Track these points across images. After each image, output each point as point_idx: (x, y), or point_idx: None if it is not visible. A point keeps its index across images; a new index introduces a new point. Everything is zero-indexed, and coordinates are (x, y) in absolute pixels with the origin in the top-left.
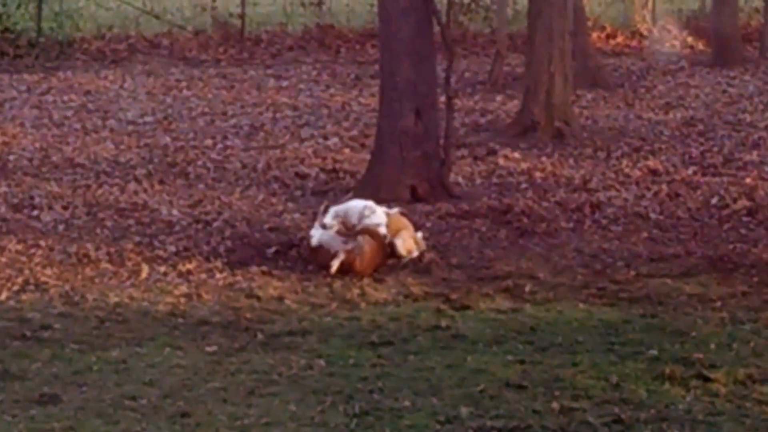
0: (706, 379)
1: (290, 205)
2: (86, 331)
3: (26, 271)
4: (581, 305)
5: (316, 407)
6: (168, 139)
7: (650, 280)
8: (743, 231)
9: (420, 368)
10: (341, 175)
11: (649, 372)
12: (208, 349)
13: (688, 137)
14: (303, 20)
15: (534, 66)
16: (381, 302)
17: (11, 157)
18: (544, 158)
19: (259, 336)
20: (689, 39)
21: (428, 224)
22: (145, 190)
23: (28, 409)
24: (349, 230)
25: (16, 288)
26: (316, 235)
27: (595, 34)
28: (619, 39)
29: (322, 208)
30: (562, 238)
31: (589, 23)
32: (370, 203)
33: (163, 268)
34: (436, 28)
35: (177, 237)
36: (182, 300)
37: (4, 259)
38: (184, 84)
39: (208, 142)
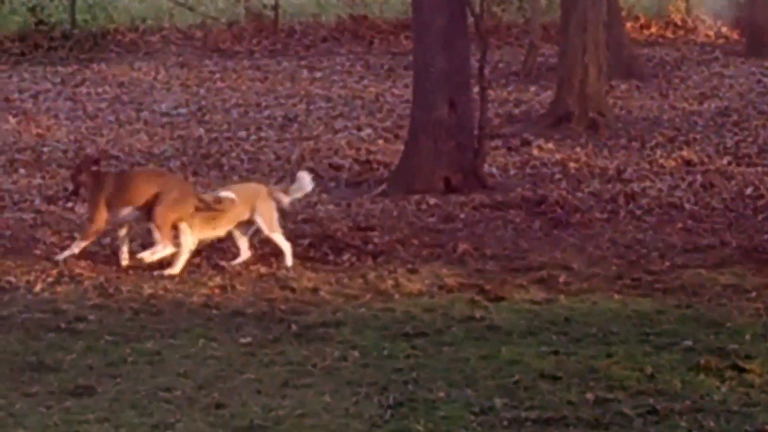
0: (741, 370)
1: (324, 196)
2: (121, 323)
3: (61, 263)
4: (616, 296)
5: (350, 398)
6: (202, 131)
7: (685, 270)
8: None
9: (454, 359)
10: (375, 166)
11: (684, 363)
12: (242, 340)
13: (722, 127)
14: (336, 11)
15: (568, 56)
16: (415, 293)
17: (45, 149)
18: (578, 149)
19: (294, 327)
20: (723, 29)
21: (462, 215)
22: None
23: (63, 401)
24: None
25: (50, 280)
26: None
27: (629, 24)
28: (653, 29)
29: None
30: (597, 229)
31: (623, 13)
32: None
33: (197, 260)
34: (470, 19)
35: None
36: (216, 291)
37: (38, 251)
38: (217, 75)
39: (242, 133)
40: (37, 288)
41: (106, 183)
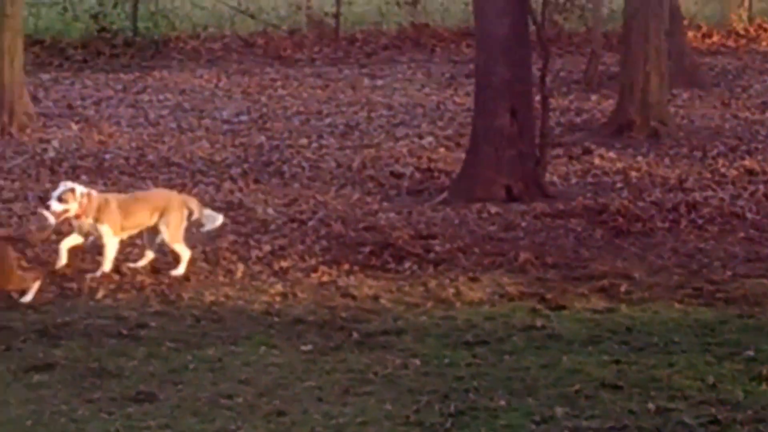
0: None
1: (385, 204)
2: (182, 330)
3: (123, 270)
4: (677, 305)
5: (411, 406)
6: (263, 138)
7: (746, 280)
8: None
9: (515, 368)
10: (436, 174)
11: (746, 373)
12: (303, 347)
13: None
14: (398, 19)
15: (630, 65)
16: (476, 302)
17: (108, 156)
18: (639, 158)
19: (355, 335)
20: None
21: (523, 224)
22: (241, 189)
23: (125, 407)
24: None
25: (112, 286)
26: None
27: (690, 33)
28: (715, 38)
29: None
30: (658, 238)
31: (685, 22)
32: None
33: (258, 267)
34: (532, 28)
35: (272, 236)
36: (277, 299)
37: (101, 258)
38: (279, 83)
39: (303, 141)
40: (99, 295)
41: None
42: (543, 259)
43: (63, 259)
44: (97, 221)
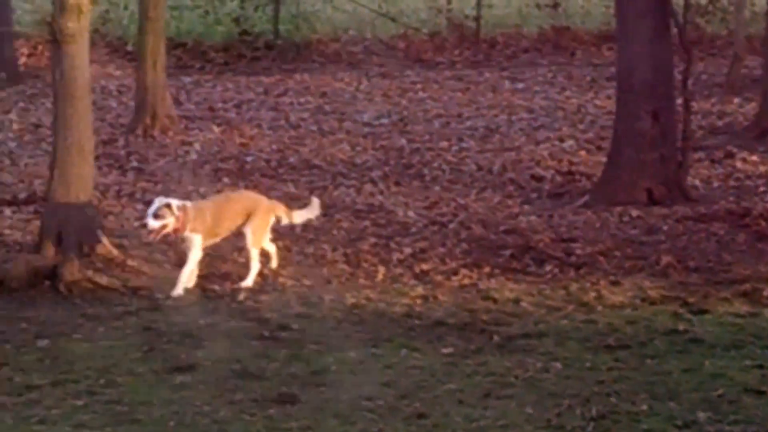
0: None
1: (526, 207)
2: (323, 332)
3: (264, 271)
4: None
5: (552, 410)
6: (404, 141)
7: None
8: None
9: (657, 372)
10: (577, 177)
11: None
12: (444, 350)
13: None
14: (538, 22)
15: None
16: (618, 305)
17: (249, 159)
18: None
19: (495, 338)
20: None
21: (665, 227)
22: (381, 192)
23: (267, 409)
24: None
25: (254, 288)
26: None
27: None
28: None
29: None
30: None
31: None
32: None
33: (399, 270)
34: (674, 30)
35: (413, 239)
36: (418, 301)
37: (242, 260)
38: (419, 86)
39: (444, 143)
40: (241, 297)
41: None
42: (685, 263)
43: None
44: (193, 231)
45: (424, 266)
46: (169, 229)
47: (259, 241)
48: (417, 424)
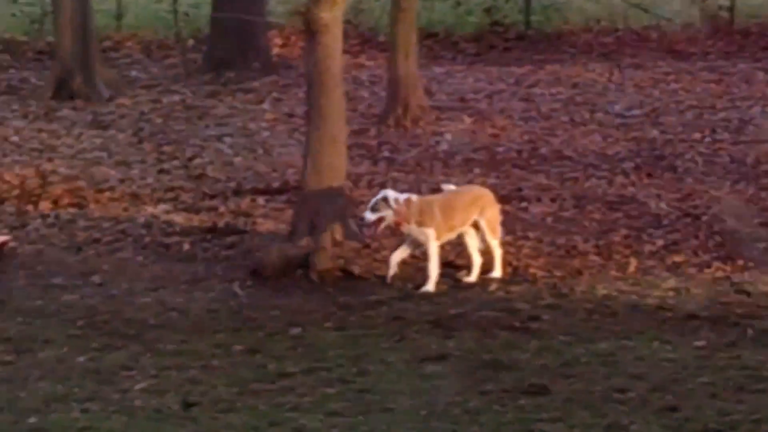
0: None
1: None
2: (574, 323)
3: (515, 262)
4: None
5: None
6: (656, 133)
7: None
8: None
9: None
10: None
11: None
12: (696, 343)
13: None
14: None
15: None
16: None
17: (500, 149)
18: None
19: (749, 332)
20: None
21: None
22: (633, 184)
23: (517, 399)
24: None
25: (505, 278)
26: None
27: None
28: None
29: None
30: None
31: None
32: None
33: (651, 262)
34: None
35: (665, 230)
36: (670, 294)
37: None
38: (671, 77)
39: (696, 135)
40: (492, 287)
41: None
42: None
43: (392, 270)
44: (422, 225)
45: (677, 258)
46: (387, 222)
47: (497, 232)
48: (668, 417)
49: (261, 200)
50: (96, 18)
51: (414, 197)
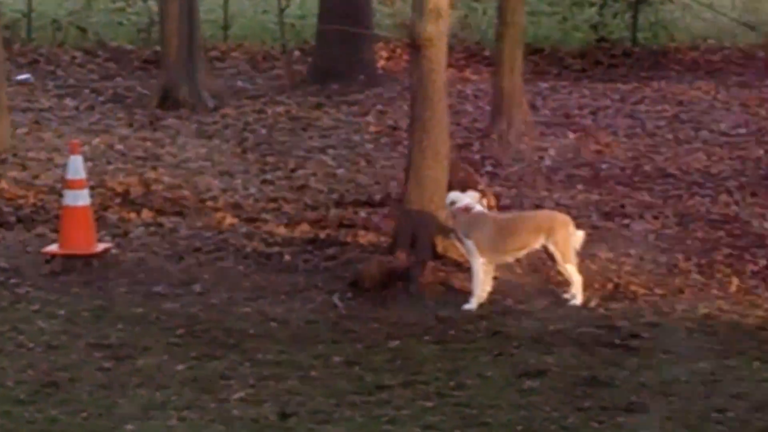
0: None
1: None
2: (674, 341)
3: (616, 279)
4: None
5: None
6: (761, 152)
7: None
8: None
9: None
10: None
11: None
12: None
13: None
14: None
15: None
16: None
17: (604, 166)
18: None
19: None
20: None
21: None
22: (737, 203)
23: (615, 417)
24: None
25: (605, 295)
26: None
27: None
28: None
29: None
30: None
31: None
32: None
33: (753, 282)
34: None
35: None
36: None
37: (594, 267)
38: None
39: None
40: (592, 303)
41: None
42: None
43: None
44: (468, 237)
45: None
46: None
47: (568, 257)
48: None
49: (363, 212)
50: (203, 28)
51: (477, 207)
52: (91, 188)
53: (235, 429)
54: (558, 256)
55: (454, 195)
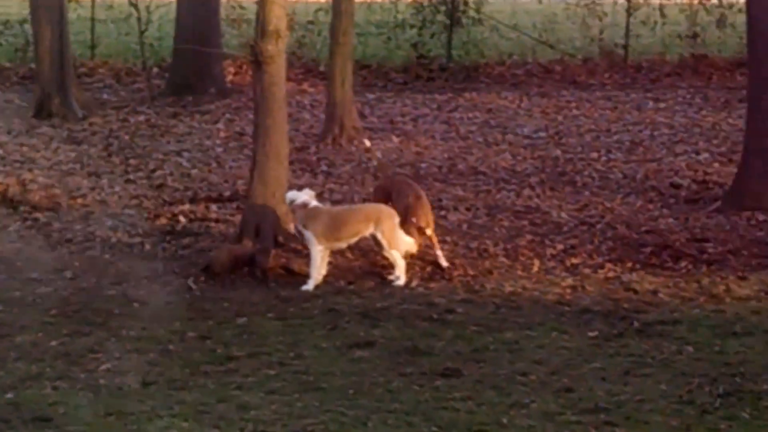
0: None
1: (665, 211)
2: (484, 315)
3: (432, 262)
4: None
5: (684, 387)
6: (558, 152)
7: None
8: None
9: None
10: (710, 185)
11: None
12: (590, 334)
13: None
14: (679, 50)
15: None
16: (744, 298)
17: (423, 165)
18: None
19: (635, 324)
20: None
21: None
22: (538, 196)
23: (434, 381)
24: None
25: (425, 276)
26: None
27: None
28: None
29: None
30: None
31: None
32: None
33: (552, 263)
34: None
35: (565, 236)
36: (568, 291)
37: (416, 252)
38: (573, 104)
39: (594, 155)
40: (413, 283)
41: None
42: None
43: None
44: (306, 228)
45: (574, 260)
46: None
47: (394, 244)
48: (565, 397)
49: (214, 207)
50: (72, 47)
51: (313, 202)
52: None
53: (102, 396)
54: (384, 243)
55: (292, 194)
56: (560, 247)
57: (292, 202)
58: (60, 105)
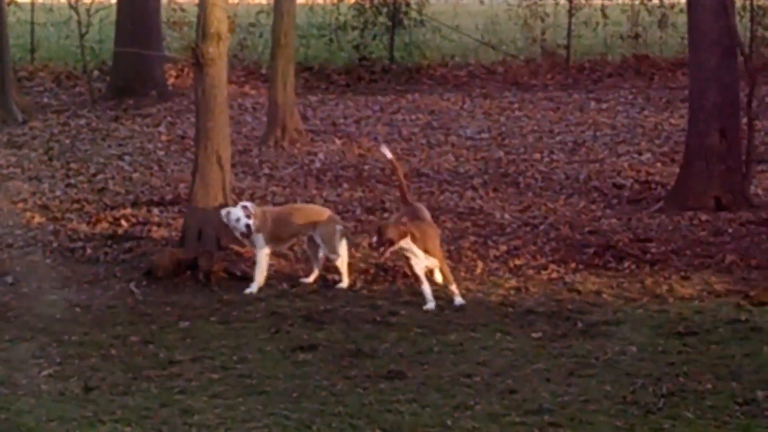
0: None
1: (608, 211)
2: (428, 317)
3: (376, 264)
4: None
5: (627, 387)
6: (501, 153)
7: None
8: None
9: (721, 356)
10: (653, 186)
11: None
12: (533, 335)
13: None
14: (621, 51)
15: None
16: (687, 297)
17: (366, 167)
18: None
19: (579, 324)
20: None
21: (730, 230)
22: (481, 197)
23: (378, 383)
24: None
25: (368, 278)
26: None
27: None
28: None
29: None
30: None
31: None
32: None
33: (495, 265)
34: (740, 58)
35: (508, 238)
36: (512, 292)
37: (359, 254)
38: (515, 105)
39: (536, 155)
40: (357, 286)
41: None
42: (747, 261)
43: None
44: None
45: (518, 261)
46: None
47: (332, 247)
48: (509, 398)
49: (156, 211)
50: (12, 51)
51: (255, 207)
52: None
53: (44, 402)
54: (325, 246)
55: (225, 210)
56: (503, 248)
57: (227, 216)
58: (0, 109)
